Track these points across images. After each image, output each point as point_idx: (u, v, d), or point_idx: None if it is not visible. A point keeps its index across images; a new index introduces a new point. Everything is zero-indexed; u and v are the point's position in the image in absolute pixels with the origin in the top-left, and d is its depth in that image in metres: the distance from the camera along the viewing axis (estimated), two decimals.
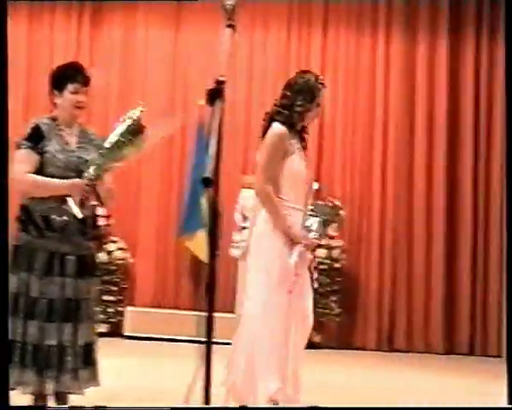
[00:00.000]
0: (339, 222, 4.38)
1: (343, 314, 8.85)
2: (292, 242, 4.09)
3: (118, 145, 3.90)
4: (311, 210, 4.22)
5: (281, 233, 4.08)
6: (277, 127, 4.13)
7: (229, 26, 2.87)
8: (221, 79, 2.68)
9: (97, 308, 4.39)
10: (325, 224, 4.23)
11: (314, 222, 4.18)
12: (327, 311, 8.73)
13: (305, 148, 4.32)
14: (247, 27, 9.28)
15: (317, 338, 8.72)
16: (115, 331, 8.73)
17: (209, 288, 2.59)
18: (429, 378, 7.19)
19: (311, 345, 8.38)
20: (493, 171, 9.03)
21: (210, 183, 2.46)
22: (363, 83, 9.27)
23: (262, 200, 4.13)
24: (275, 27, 9.38)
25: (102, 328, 8.51)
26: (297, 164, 4.18)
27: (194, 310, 7.81)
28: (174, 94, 9.43)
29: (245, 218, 8.82)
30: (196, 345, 2.78)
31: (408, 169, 9.13)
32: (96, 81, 4.32)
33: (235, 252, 8.85)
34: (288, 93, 4.22)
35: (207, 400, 2.58)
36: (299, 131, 4.28)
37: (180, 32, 9.48)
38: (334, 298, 8.77)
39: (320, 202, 4.33)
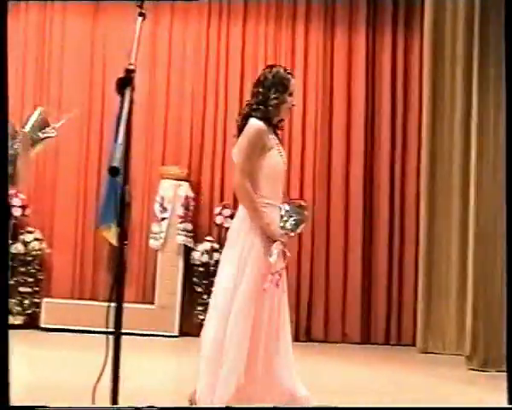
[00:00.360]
0: (306, 222, 4.37)
1: None
2: (270, 239, 4.08)
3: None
4: (285, 209, 4.22)
5: (259, 230, 4.07)
6: (255, 122, 4.14)
7: (140, 14, 2.84)
8: (130, 67, 2.65)
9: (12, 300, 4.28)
10: (298, 223, 4.25)
11: (288, 221, 4.19)
12: None
13: (280, 143, 4.33)
14: (167, 20, 9.28)
15: None
16: (31, 323, 8.57)
17: (117, 278, 2.56)
18: (346, 368, 7.25)
19: None
20: (409, 160, 9.20)
21: (117, 172, 2.42)
22: None
23: (241, 196, 4.13)
24: (194, 21, 9.34)
25: (18, 320, 8.39)
26: (275, 159, 4.19)
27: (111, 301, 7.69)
28: (92, 84, 9.27)
29: (164, 209, 8.82)
30: (107, 336, 2.74)
31: (326, 160, 9.20)
32: None
33: (154, 243, 8.83)
34: (261, 89, 4.23)
35: (115, 390, 2.55)
36: (275, 127, 4.29)
37: (97, 21, 9.33)
38: None
39: (290, 201, 4.33)
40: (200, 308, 8.65)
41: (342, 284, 9.12)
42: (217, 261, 8.66)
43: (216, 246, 8.84)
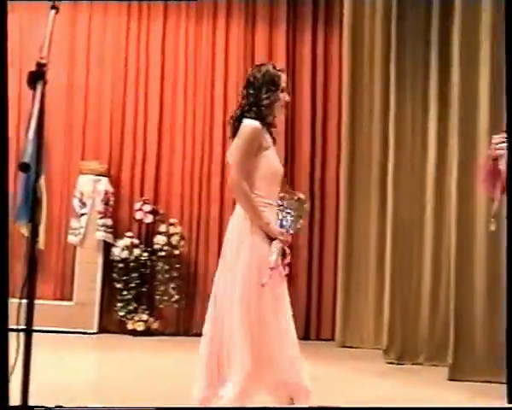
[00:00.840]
0: (305, 216, 4.35)
1: (182, 301, 8.85)
2: (269, 238, 4.06)
3: None
4: (282, 205, 4.19)
5: (258, 229, 4.04)
6: (251, 122, 4.09)
7: (53, 7, 2.81)
8: (42, 61, 2.61)
9: None
10: (297, 219, 4.21)
11: (287, 217, 4.16)
12: (165, 298, 8.74)
13: (274, 142, 4.28)
14: (86, 16, 9.20)
15: (155, 325, 8.71)
16: None
17: (29, 275, 2.52)
18: None
19: (148, 332, 8.53)
20: (330, 157, 9.26)
21: (28, 168, 2.38)
22: (202, 72, 9.29)
23: (238, 196, 4.07)
24: (114, 17, 9.26)
25: None
26: (272, 159, 4.15)
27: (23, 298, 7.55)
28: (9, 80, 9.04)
29: (83, 204, 8.72)
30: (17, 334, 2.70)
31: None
32: None
33: (72, 239, 8.73)
34: (251, 90, 4.17)
35: (25, 387, 2.52)
36: (269, 126, 4.23)
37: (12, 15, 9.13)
38: (173, 285, 8.77)
39: (286, 196, 4.27)
40: (119, 305, 8.60)
41: None
42: (137, 257, 8.72)
43: (136, 242, 8.79)
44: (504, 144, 4.10)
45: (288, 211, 4.15)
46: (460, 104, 6.71)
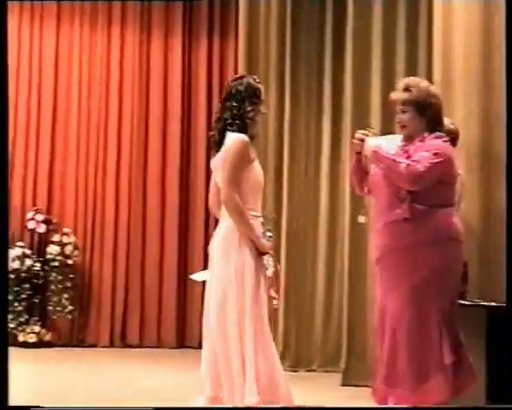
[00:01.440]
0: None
1: (76, 311, 8.72)
2: (258, 251, 4.07)
3: None
4: (265, 217, 4.23)
5: (248, 242, 4.05)
6: (239, 136, 4.09)
7: None
8: None
9: None
10: (271, 232, 4.27)
11: (266, 233, 4.19)
12: (59, 309, 8.57)
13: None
14: None
15: (47, 337, 8.53)
16: None
17: None
18: (161, 372, 7.24)
19: (41, 344, 8.33)
20: None
21: None
22: (96, 79, 9.18)
23: (231, 211, 4.05)
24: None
25: None
26: (258, 171, 4.16)
27: None
28: None
29: None
30: None
31: (142, 165, 9.13)
32: None
33: None
34: (234, 103, 4.16)
35: None
36: (251, 138, 4.22)
37: None
38: (66, 295, 8.61)
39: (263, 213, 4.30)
40: (10, 316, 8.35)
41: (158, 288, 9.08)
42: (29, 268, 8.51)
43: (28, 252, 8.59)
44: (364, 140, 4.20)
45: (268, 227, 4.21)
46: (352, 111, 6.84)
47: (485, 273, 5.61)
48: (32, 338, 8.43)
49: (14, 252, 8.50)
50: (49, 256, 8.63)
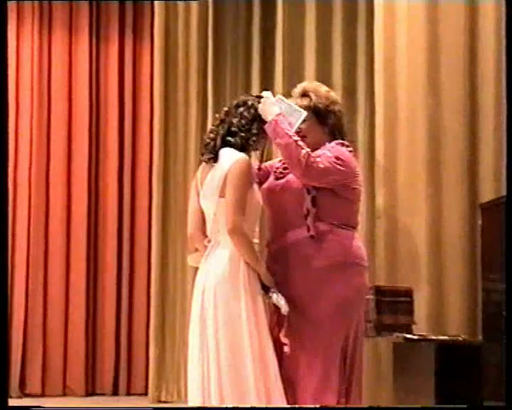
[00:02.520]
0: None
1: None
2: (263, 285, 3.76)
3: None
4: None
5: (253, 274, 3.73)
6: (243, 156, 3.77)
7: None
8: None
9: None
10: None
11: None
12: None
13: None
14: None
15: None
16: None
17: None
18: None
19: None
20: (140, 182, 8.56)
21: None
22: None
23: (240, 242, 3.69)
24: None
25: None
26: (258, 195, 3.85)
27: None
28: None
29: None
30: None
31: (45, 180, 8.41)
32: None
33: None
34: (246, 113, 3.87)
35: None
36: None
37: None
38: None
39: None
40: None
41: (63, 331, 8.31)
42: None
43: None
44: (263, 101, 3.90)
45: None
46: None
47: (435, 302, 5.50)
48: None
49: None
50: None
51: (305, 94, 3.97)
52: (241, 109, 3.89)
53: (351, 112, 6.15)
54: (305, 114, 3.83)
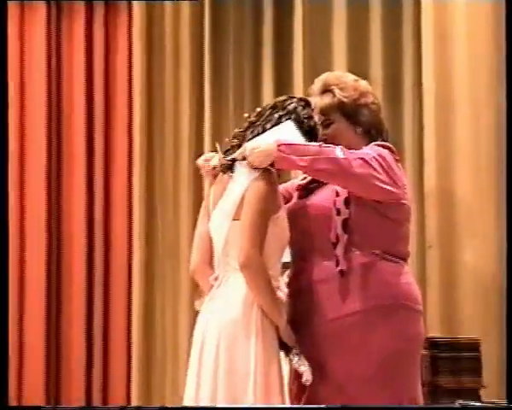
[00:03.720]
0: None
1: None
2: (281, 343, 3.22)
3: None
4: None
5: (273, 328, 3.20)
6: (266, 173, 3.27)
7: None
8: None
9: None
10: None
11: None
12: None
13: None
14: None
15: None
16: None
17: None
18: None
19: None
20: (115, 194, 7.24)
21: None
22: None
23: (253, 280, 3.17)
24: None
25: None
26: (284, 225, 3.32)
27: None
28: None
29: None
30: None
31: None
32: None
33: None
34: (284, 120, 3.35)
35: None
36: None
37: None
38: None
39: None
40: None
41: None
42: None
43: None
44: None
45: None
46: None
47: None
48: None
49: None
50: None
51: (326, 89, 3.44)
52: (280, 113, 3.38)
53: (393, 106, 5.47)
54: (289, 122, 3.30)
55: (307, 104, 3.38)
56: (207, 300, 3.30)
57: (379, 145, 3.33)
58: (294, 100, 3.39)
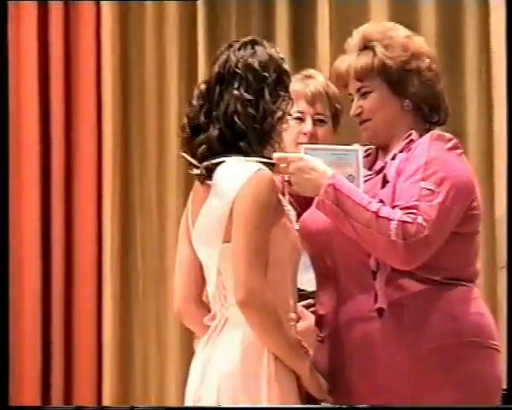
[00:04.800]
0: None
1: None
2: (306, 394, 2.60)
3: None
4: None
5: (289, 377, 2.56)
6: (260, 173, 2.56)
7: None
8: None
9: None
10: None
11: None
12: None
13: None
14: None
15: None
16: None
17: None
18: None
19: None
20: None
21: None
22: None
23: (258, 320, 2.51)
24: None
25: None
26: (292, 233, 2.65)
27: None
28: None
29: None
30: None
31: None
32: None
33: None
34: (244, 93, 2.60)
35: None
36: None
37: None
38: None
39: None
40: None
41: None
42: None
43: None
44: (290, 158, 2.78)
45: None
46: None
47: None
48: None
49: None
50: None
51: (365, 46, 2.78)
52: (230, 92, 2.64)
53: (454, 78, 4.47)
54: (359, 149, 2.75)
55: (253, 52, 2.59)
56: (202, 345, 2.68)
57: (434, 140, 2.63)
58: (241, 54, 2.60)
